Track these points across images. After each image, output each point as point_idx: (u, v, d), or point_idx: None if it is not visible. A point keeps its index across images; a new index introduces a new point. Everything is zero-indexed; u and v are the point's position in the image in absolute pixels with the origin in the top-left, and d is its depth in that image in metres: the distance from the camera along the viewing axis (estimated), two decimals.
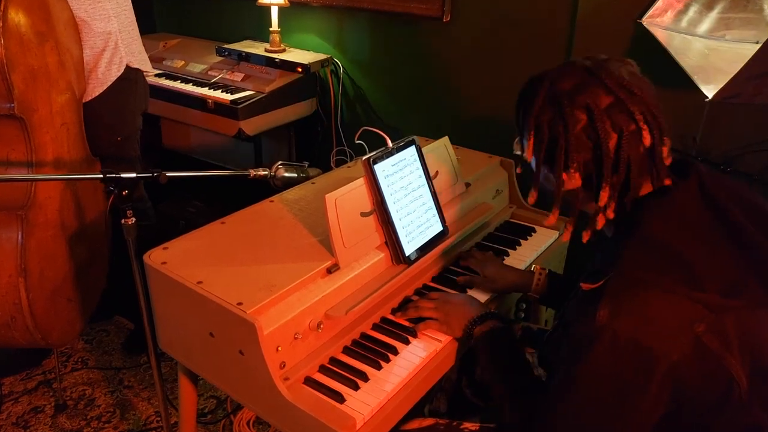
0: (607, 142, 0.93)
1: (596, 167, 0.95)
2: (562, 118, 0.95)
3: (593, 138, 0.94)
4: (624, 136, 0.93)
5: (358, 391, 1.12)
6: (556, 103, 0.96)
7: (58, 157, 1.71)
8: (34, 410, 2.01)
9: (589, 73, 0.96)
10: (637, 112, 0.94)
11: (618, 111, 0.93)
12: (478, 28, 2.25)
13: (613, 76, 0.95)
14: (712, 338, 0.86)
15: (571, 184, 0.98)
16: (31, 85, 1.59)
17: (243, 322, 1.07)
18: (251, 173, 1.50)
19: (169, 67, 2.74)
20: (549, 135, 0.97)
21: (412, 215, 1.39)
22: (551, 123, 0.96)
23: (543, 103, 0.98)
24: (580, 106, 0.94)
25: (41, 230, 1.68)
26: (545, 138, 0.97)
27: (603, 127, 0.93)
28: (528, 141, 1.00)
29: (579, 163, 0.96)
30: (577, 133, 0.95)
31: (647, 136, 0.94)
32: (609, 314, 0.88)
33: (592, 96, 0.94)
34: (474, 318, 1.23)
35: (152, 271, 1.25)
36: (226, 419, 1.98)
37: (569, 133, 0.95)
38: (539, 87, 0.99)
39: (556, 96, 0.96)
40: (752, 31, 1.69)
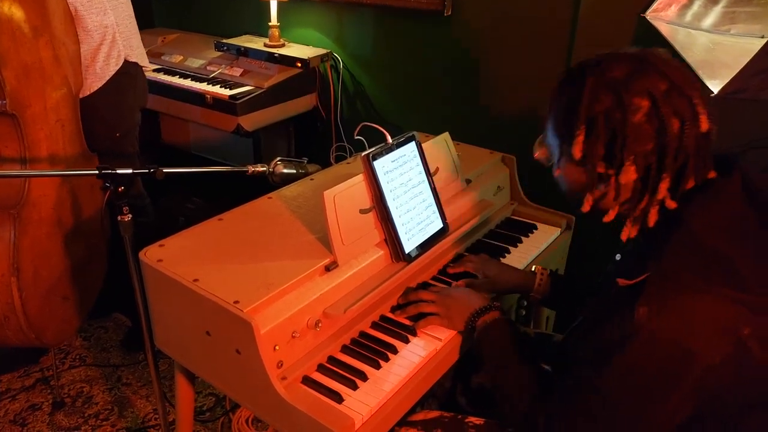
0: (672, 129, 0.88)
1: (658, 157, 0.89)
2: (620, 106, 0.89)
3: (655, 125, 0.88)
4: (685, 121, 0.88)
5: (356, 391, 1.11)
6: (613, 91, 0.89)
7: (53, 153, 1.69)
8: (31, 408, 2.00)
9: (639, 60, 0.91)
10: (695, 97, 0.89)
11: (677, 96, 0.88)
12: (479, 22, 2.23)
13: (664, 62, 0.91)
14: (755, 342, 0.84)
15: (625, 177, 0.91)
16: (24, 81, 1.57)
17: (239, 320, 1.05)
18: (249, 169, 1.48)
19: (168, 63, 2.72)
20: (606, 127, 0.90)
21: (412, 212, 1.37)
22: (608, 113, 0.89)
23: (594, 92, 0.91)
24: (639, 93, 0.88)
25: (35, 228, 1.66)
26: (601, 131, 0.90)
27: (666, 113, 0.88)
28: (577, 137, 0.92)
29: (638, 155, 0.90)
30: (638, 121, 0.88)
31: (705, 120, 0.89)
32: (648, 313, 0.85)
33: (650, 81, 0.89)
34: (476, 310, 1.20)
35: (148, 269, 1.23)
36: (224, 417, 1.97)
37: (629, 122, 0.88)
38: (586, 77, 0.92)
39: (610, 84, 0.90)
40: (758, 25, 1.66)
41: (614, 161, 0.91)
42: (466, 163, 1.62)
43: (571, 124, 0.94)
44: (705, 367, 0.83)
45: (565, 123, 0.95)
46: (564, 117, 0.96)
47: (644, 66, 0.91)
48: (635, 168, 0.91)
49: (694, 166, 0.91)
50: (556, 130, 0.99)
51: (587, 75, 0.93)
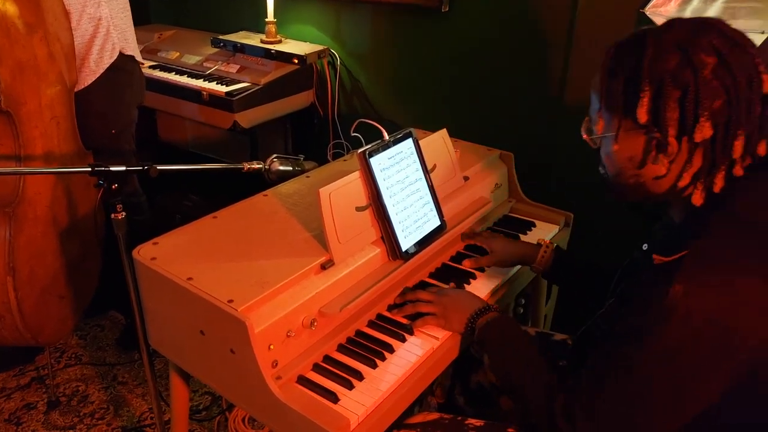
0: (741, 84, 0.85)
1: (730, 113, 0.86)
2: (689, 62, 0.85)
3: (725, 81, 0.85)
4: (752, 78, 0.86)
5: (352, 391, 1.10)
6: (678, 49, 0.86)
7: (48, 151, 1.68)
8: (26, 407, 1.99)
9: (700, 21, 0.89)
10: (756, 56, 0.87)
11: (741, 52, 0.86)
12: (477, 19, 2.21)
13: (723, 23, 0.88)
14: None
15: (701, 135, 0.86)
16: (19, 78, 1.56)
17: (233, 319, 1.04)
18: (245, 167, 1.47)
19: (164, 59, 2.70)
20: (675, 86, 0.86)
21: (409, 209, 1.35)
22: (675, 71, 0.86)
23: (658, 52, 0.87)
24: (705, 48, 0.85)
25: (31, 227, 1.65)
26: (670, 90, 0.86)
27: (735, 67, 0.85)
28: (642, 99, 0.87)
29: (711, 112, 0.85)
30: (708, 76, 0.85)
31: (767, 81, 0.87)
32: (684, 290, 0.82)
33: (714, 38, 0.86)
34: (475, 311, 1.19)
35: (141, 267, 1.22)
36: (221, 416, 1.96)
37: (699, 77, 0.84)
38: (645, 40, 0.89)
39: (674, 42, 0.87)
40: (758, 20, 1.65)
41: (687, 120, 0.86)
42: (463, 160, 1.61)
43: (633, 88, 0.89)
44: (745, 349, 0.81)
45: (625, 89, 0.90)
46: (624, 83, 0.91)
47: (705, 25, 0.88)
48: (711, 123, 0.86)
49: (758, 129, 0.87)
50: (614, 98, 0.93)
51: (647, 36, 0.89)
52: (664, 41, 0.88)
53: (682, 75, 0.86)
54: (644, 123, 0.89)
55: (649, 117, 0.88)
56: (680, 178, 0.91)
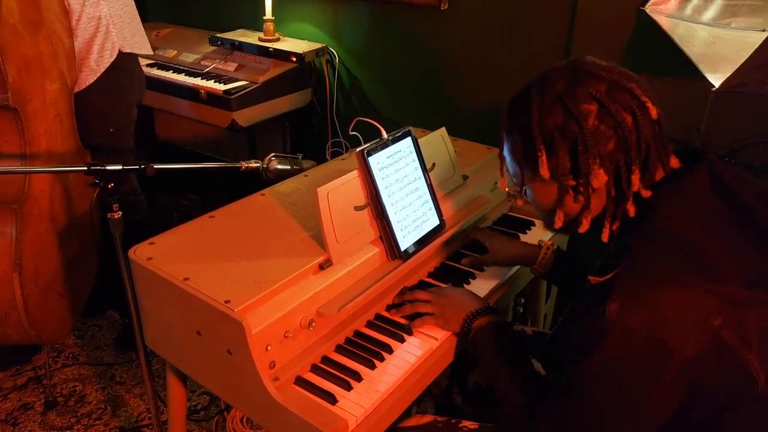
0: (626, 122, 0.89)
1: (623, 153, 0.90)
2: (572, 116, 0.90)
3: (610, 124, 0.90)
4: (636, 112, 0.90)
5: (350, 392, 1.09)
6: (558, 104, 0.91)
7: (51, 149, 1.68)
8: (23, 407, 1.98)
9: (572, 69, 0.94)
10: (635, 88, 0.91)
11: (619, 91, 0.91)
12: (476, 17, 2.20)
13: (595, 65, 0.93)
14: (729, 332, 0.82)
15: (597, 181, 0.92)
16: (25, 75, 1.56)
17: (230, 320, 1.03)
18: (243, 165, 1.46)
19: (161, 57, 2.69)
20: (564, 140, 0.91)
21: (408, 209, 1.34)
22: (562, 126, 0.91)
23: (542, 109, 0.93)
24: (584, 98, 0.90)
25: (36, 224, 1.65)
26: (560, 145, 0.92)
27: (616, 109, 0.89)
28: (540, 158, 0.93)
29: (603, 157, 0.90)
30: (592, 125, 0.90)
31: (652, 108, 0.91)
32: (619, 309, 0.84)
33: (589, 85, 0.91)
34: (472, 312, 1.19)
35: (137, 267, 1.21)
36: (219, 416, 1.95)
37: (584, 129, 0.89)
38: (529, 100, 0.94)
39: (555, 98, 0.92)
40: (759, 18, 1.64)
41: (582, 170, 0.92)
42: (462, 159, 1.60)
43: (530, 147, 0.95)
44: (683, 360, 0.82)
45: (524, 148, 0.96)
46: (521, 142, 0.97)
47: (578, 73, 0.93)
48: (604, 170, 0.91)
49: (657, 153, 0.92)
50: (516, 157, 0.99)
51: (532, 93, 0.95)
52: (546, 98, 0.92)
53: (568, 128, 0.91)
54: (548, 178, 0.95)
55: (550, 173, 0.94)
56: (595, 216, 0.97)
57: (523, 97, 0.96)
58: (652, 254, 0.87)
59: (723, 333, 0.82)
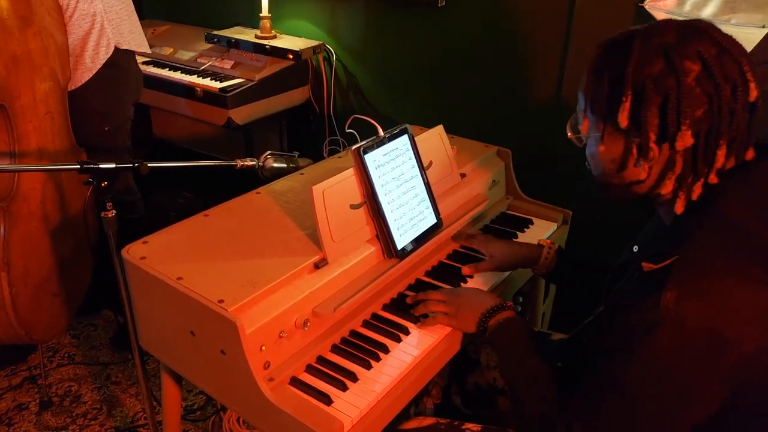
0: (724, 92, 0.83)
1: (711, 123, 0.84)
2: (672, 69, 0.84)
3: (708, 89, 0.84)
4: (737, 86, 0.84)
5: (346, 392, 1.07)
6: (663, 55, 0.85)
7: (42, 147, 1.66)
8: (18, 407, 1.96)
9: (688, 26, 0.87)
10: (744, 63, 0.85)
11: (728, 59, 0.84)
12: (474, 13, 2.19)
13: (713, 28, 0.87)
14: None
15: (682, 143, 0.85)
16: (14, 72, 1.54)
17: (224, 320, 1.01)
18: (238, 164, 1.45)
19: (158, 55, 2.67)
20: (656, 92, 0.85)
21: (405, 207, 1.33)
22: (658, 77, 0.84)
23: (643, 57, 0.85)
24: (690, 55, 0.84)
25: (26, 222, 1.63)
26: (652, 96, 0.85)
27: (719, 77, 0.83)
28: (624, 103, 0.87)
29: (692, 120, 0.84)
30: (690, 84, 0.83)
31: (754, 89, 0.85)
32: (676, 298, 0.80)
33: (701, 45, 0.84)
34: (488, 310, 1.16)
35: (131, 267, 1.19)
36: (215, 416, 1.94)
37: (682, 85, 0.83)
38: (631, 43, 0.87)
39: (660, 48, 0.85)
40: (759, 15, 1.63)
41: (669, 127, 0.85)
42: (460, 157, 1.59)
43: (616, 92, 0.88)
44: (739, 356, 0.79)
45: (609, 91, 0.89)
46: (608, 85, 0.90)
47: (694, 31, 0.86)
48: (691, 132, 0.85)
49: (744, 137, 0.86)
50: (598, 100, 0.92)
51: (634, 39, 0.88)
52: (650, 46, 0.86)
53: (664, 81, 0.85)
54: (625, 128, 0.88)
55: (629, 122, 0.88)
56: (661, 184, 0.91)
57: (624, 40, 0.89)
58: (715, 244, 0.83)
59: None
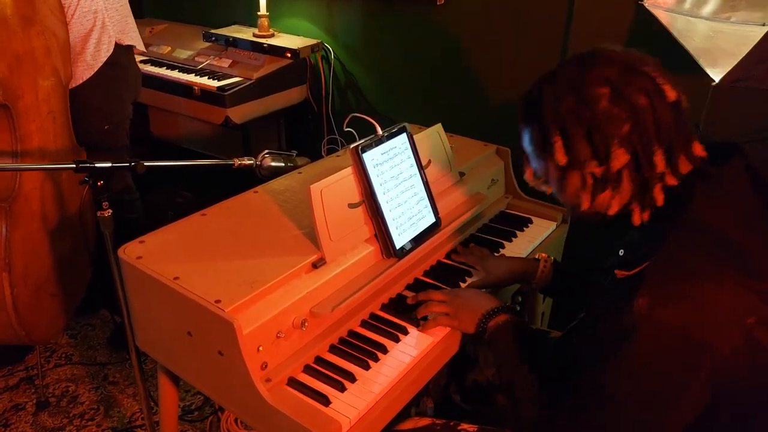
0: (640, 104, 0.87)
1: (639, 134, 0.88)
2: (583, 100, 0.88)
3: (624, 106, 0.87)
4: (651, 95, 0.87)
5: (344, 393, 1.06)
6: (570, 90, 0.90)
7: (44, 146, 1.66)
8: (15, 408, 1.95)
9: (585, 56, 0.93)
10: (650, 71, 0.89)
11: (632, 74, 0.89)
12: (472, 11, 2.17)
13: (609, 51, 0.92)
14: (763, 332, 0.79)
15: (618, 162, 0.89)
16: (17, 71, 1.54)
17: (221, 320, 1.00)
18: (236, 163, 1.44)
19: (155, 53, 2.66)
20: (578, 125, 0.89)
21: (403, 206, 1.32)
22: (574, 111, 0.89)
23: (554, 98, 0.91)
24: (595, 81, 0.89)
25: (27, 222, 1.63)
26: (575, 130, 0.89)
27: (629, 91, 0.87)
28: (555, 144, 0.92)
29: (620, 138, 0.88)
30: (605, 108, 0.88)
31: (670, 89, 0.89)
32: (649, 303, 0.81)
33: (602, 69, 0.89)
34: (487, 311, 1.16)
35: (127, 266, 1.18)
36: (213, 416, 1.93)
37: (597, 112, 0.88)
38: (542, 91, 0.94)
39: (566, 84, 0.91)
40: (759, 13, 1.62)
41: (600, 152, 0.89)
42: (459, 156, 1.58)
43: (546, 136, 0.93)
44: (717, 359, 0.79)
45: (540, 138, 0.95)
46: (538, 132, 0.95)
47: (592, 59, 0.92)
48: (624, 150, 0.88)
49: (678, 137, 0.89)
50: (536, 150, 0.98)
51: (542, 85, 0.94)
52: (558, 86, 0.92)
53: (580, 112, 0.89)
54: (566, 164, 0.92)
55: (567, 158, 0.92)
56: (622, 201, 0.93)
57: (535, 89, 0.96)
58: (687, 247, 0.84)
59: (756, 332, 0.79)
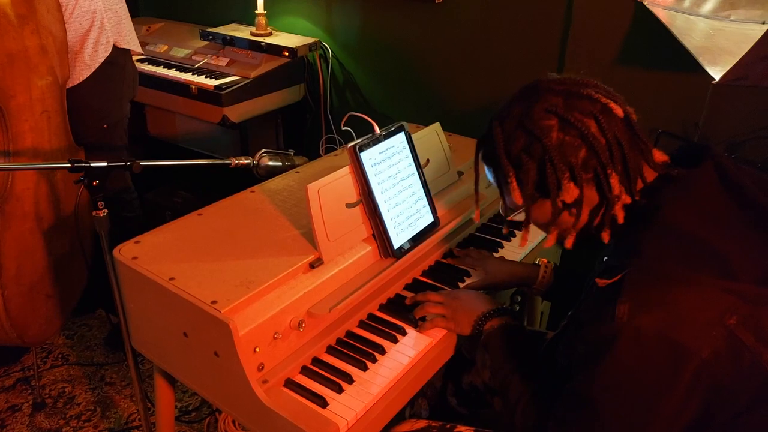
0: (589, 129, 0.88)
1: (596, 158, 0.89)
2: (532, 135, 0.90)
3: (574, 132, 0.88)
4: (598, 116, 0.88)
5: (342, 395, 1.06)
6: (519, 128, 0.91)
7: (38, 146, 1.64)
8: (11, 409, 1.94)
9: (526, 92, 0.94)
10: (593, 93, 0.90)
11: (576, 99, 0.90)
12: (471, 10, 2.16)
13: (548, 81, 0.93)
14: (745, 331, 0.79)
15: (569, 196, 0.91)
16: (8, 70, 1.52)
17: (217, 322, 1.00)
18: (233, 162, 1.43)
19: (152, 52, 2.65)
20: (530, 160, 0.90)
21: (401, 206, 1.31)
22: (526, 149, 0.91)
23: (505, 139, 0.93)
24: (541, 115, 0.90)
25: (19, 223, 1.61)
26: (528, 166, 0.91)
27: (576, 118, 0.88)
28: (511, 184, 0.93)
29: (575, 167, 0.89)
30: (557, 139, 0.89)
31: (616, 107, 0.90)
32: (630, 310, 0.81)
33: (545, 102, 0.90)
34: (484, 313, 1.16)
35: (122, 267, 1.17)
36: (210, 417, 1.92)
37: (549, 145, 0.89)
38: (493, 133, 0.95)
39: (513, 124, 0.92)
40: (758, 11, 1.61)
41: (550, 186, 0.90)
42: (457, 155, 1.57)
43: (502, 176, 0.95)
44: (699, 362, 0.79)
45: (498, 177, 0.98)
46: (494, 173, 0.98)
47: (533, 93, 0.92)
48: (574, 183, 0.90)
49: (633, 151, 0.90)
50: (500, 185, 0.99)
51: (494, 127, 0.95)
52: (507, 126, 0.93)
53: (532, 148, 0.90)
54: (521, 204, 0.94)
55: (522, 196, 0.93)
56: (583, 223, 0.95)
57: (487, 132, 0.97)
58: (662, 253, 0.85)
59: (738, 332, 0.79)
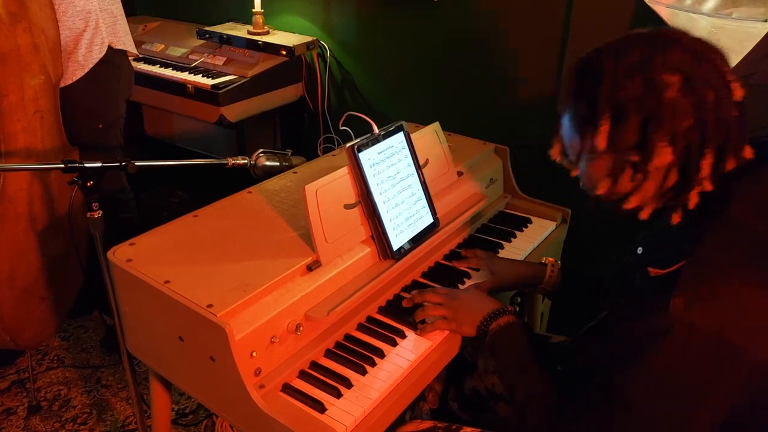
0: (708, 99, 0.80)
1: (699, 132, 0.81)
2: (651, 86, 0.81)
3: (691, 99, 0.80)
4: (719, 91, 0.81)
5: (340, 399, 1.04)
6: (637, 72, 0.82)
7: (31, 147, 1.62)
8: (6, 412, 1.92)
9: (655, 37, 0.84)
10: (721, 64, 0.82)
11: (705, 65, 0.81)
12: (470, 9, 2.15)
13: (680, 34, 0.84)
14: None
15: (661, 160, 0.83)
16: (0, 69, 1.49)
17: (213, 326, 0.97)
18: (230, 162, 1.41)
19: (149, 51, 2.62)
20: (637, 112, 0.82)
21: (400, 206, 1.29)
22: (639, 98, 0.82)
23: (616, 78, 0.83)
24: (667, 68, 0.81)
25: (12, 225, 1.59)
26: (632, 117, 0.82)
27: (701, 84, 0.80)
28: (601, 127, 0.84)
29: (677, 134, 0.81)
30: (673, 98, 0.80)
31: (737, 88, 0.82)
32: (685, 304, 0.77)
33: (674, 54, 0.81)
34: (489, 314, 1.12)
35: (117, 269, 1.15)
36: (208, 420, 1.89)
37: (664, 101, 0.80)
38: (603, 63, 0.85)
39: (633, 67, 0.83)
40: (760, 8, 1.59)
41: (648, 145, 0.83)
42: (457, 155, 1.55)
43: (594, 116, 0.86)
44: (754, 363, 0.76)
45: (587, 116, 0.87)
46: (586, 109, 0.87)
47: (665, 41, 0.83)
48: (672, 149, 0.82)
49: (735, 140, 0.83)
50: (576, 124, 0.90)
51: (605, 60, 0.85)
52: (622, 66, 0.84)
53: (645, 100, 0.82)
54: (604, 149, 0.86)
55: (608, 143, 0.85)
56: (654, 197, 0.88)
57: (594, 62, 0.87)
58: (725, 248, 0.80)
59: None
